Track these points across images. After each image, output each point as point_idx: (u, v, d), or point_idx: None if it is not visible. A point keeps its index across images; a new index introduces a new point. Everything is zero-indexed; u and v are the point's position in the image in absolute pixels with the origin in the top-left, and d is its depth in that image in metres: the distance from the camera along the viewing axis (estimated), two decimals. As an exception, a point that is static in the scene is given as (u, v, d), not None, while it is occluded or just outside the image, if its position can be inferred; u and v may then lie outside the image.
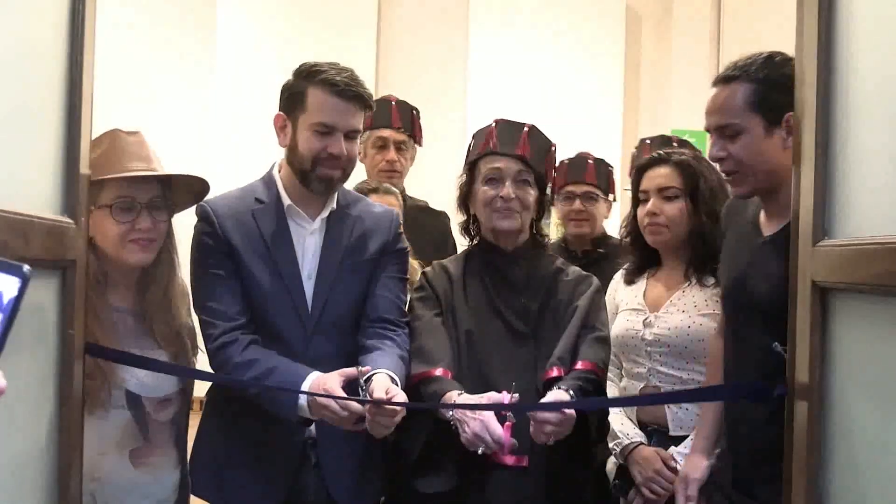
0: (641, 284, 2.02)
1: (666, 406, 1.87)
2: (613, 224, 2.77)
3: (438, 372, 1.70)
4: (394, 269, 1.82)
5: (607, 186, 2.66)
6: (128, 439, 1.62)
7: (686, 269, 1.94)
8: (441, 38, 5.93)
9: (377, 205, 1.92)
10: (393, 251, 1.82)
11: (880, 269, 1.05)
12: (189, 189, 1.75)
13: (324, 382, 1.56)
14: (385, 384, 1.53)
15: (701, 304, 1.89)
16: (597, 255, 2.55)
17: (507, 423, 1.57)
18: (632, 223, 2.03)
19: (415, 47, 5.94)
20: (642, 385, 1.92)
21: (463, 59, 5.84)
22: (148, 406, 1.65)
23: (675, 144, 2.52)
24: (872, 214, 1.14)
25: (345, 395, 1.53)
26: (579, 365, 1.72)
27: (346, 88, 1.66)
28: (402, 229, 1.89)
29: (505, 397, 1.59)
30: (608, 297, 2.06)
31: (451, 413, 1.61)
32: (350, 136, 1.70)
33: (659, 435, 1.90)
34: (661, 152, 2.00)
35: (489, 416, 1.55)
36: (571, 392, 1.61)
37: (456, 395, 1.64)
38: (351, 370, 1.58)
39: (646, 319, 1.94)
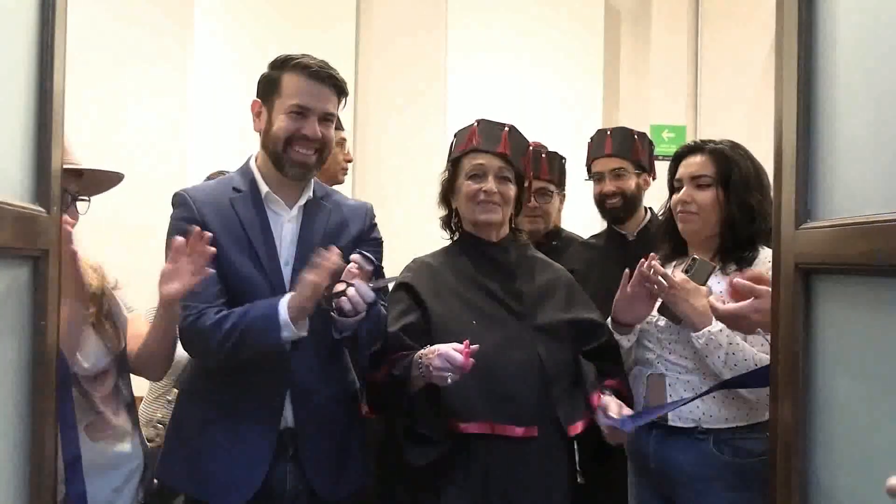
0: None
1: (667, 395, 1.86)
2: (569, 215, 2.78)
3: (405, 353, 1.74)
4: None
5: (560, 181, 2.67)
6: (80, 415, 1.63)
7: (712, 258, 1.92)
8: (420, 37, 5.91)
9: (351, 198, 1.97)
10: (368, 240, 1.85)
11: (863, 248, 1.05)
12: (100, 183, 1.75)
13: (298, 293, 1.63)
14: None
15: (716, 294, 1.82)
16: (549, 248, 2.56)
17: (465, 350, 1.59)
18: (667, 211, 2.04)
19: (394, 46, 5.92)
20: (649, 371, 1.92)
21: (442, 57, 5.82)
22: (85, 384, 1.66)
23: (636, 138, 2.53)
24: (854, 196, 1.14)
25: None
26: (612, 383, 1.83)
27: (320, 70, 1.71)
28: (376, 220, 1.92)
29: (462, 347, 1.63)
30: None
31: (419, 369, 1.65)
32: (325, 119, 1.72)
33: (658, 429, 1.89)
34: (698, 140, 2.00)
35: (444, 348, 1.59)
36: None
37: (426, 349, 1.68)
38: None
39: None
